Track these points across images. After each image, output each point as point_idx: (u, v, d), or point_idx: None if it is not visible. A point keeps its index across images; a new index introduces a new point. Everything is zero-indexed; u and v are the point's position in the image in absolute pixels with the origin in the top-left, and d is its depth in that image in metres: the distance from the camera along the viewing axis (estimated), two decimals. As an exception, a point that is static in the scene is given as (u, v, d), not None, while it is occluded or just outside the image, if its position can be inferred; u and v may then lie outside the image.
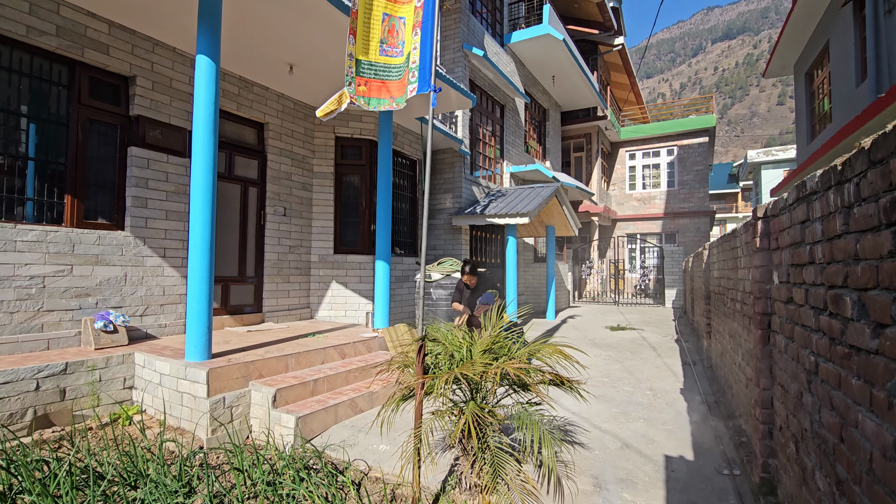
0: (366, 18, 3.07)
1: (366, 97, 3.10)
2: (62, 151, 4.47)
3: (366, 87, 3.11)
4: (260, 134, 6.49)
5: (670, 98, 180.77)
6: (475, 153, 10.55)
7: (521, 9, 12.22)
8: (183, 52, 5.30)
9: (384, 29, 2.99)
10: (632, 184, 19.71)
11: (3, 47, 4.07)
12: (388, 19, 3.16)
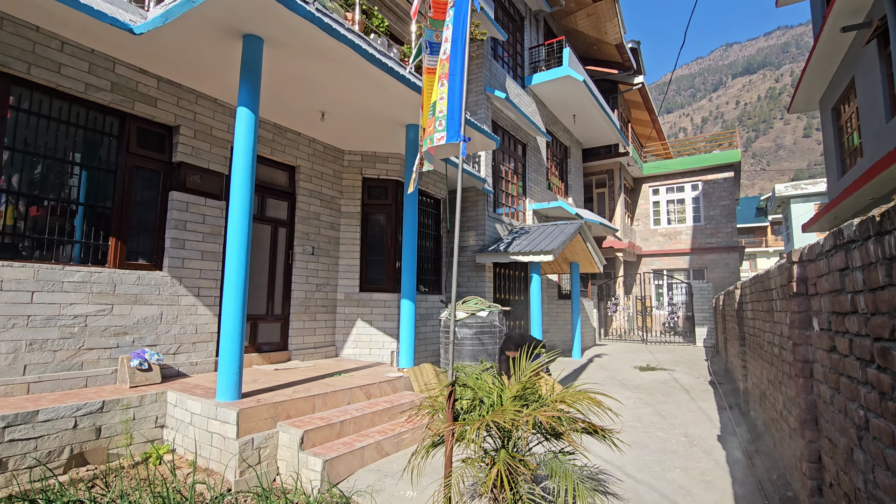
0: (426, 93, 3.24)
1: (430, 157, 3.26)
2: (109, 196, 4.74)
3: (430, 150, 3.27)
4: (291, 176, 6.76)
5: (692, 132, 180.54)
6: (498, 191, 10.68)
7: (541, 52, 12.61)
8: (223, 102, 5.64)
9: None
10: (656, 219, 19.52)
11: (64, 103, 4.42)
12: None
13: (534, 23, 13.11)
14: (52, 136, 4.35)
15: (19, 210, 4.14)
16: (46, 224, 4.29)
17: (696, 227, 18.51)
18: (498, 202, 10.66)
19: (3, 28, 3.91)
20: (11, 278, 3.89)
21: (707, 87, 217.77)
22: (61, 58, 4.27)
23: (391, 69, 4.84)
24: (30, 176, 4.21)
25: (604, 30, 14.69)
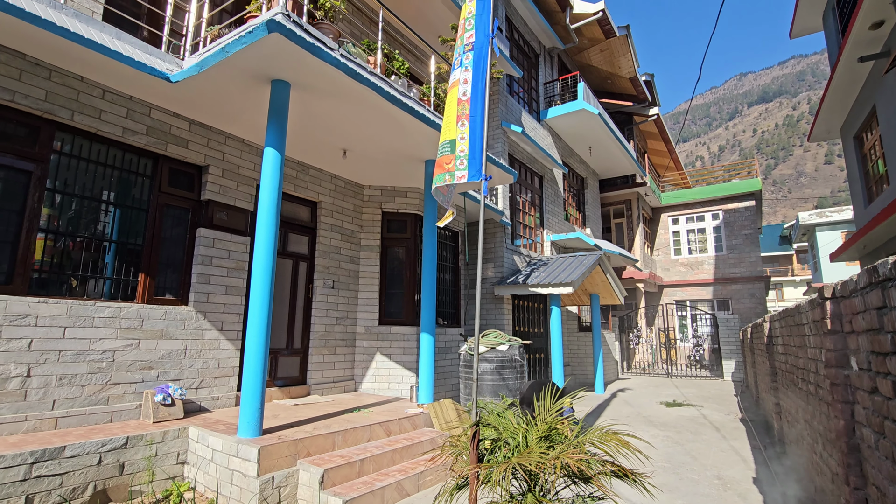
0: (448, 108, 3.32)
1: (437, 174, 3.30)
2: (140, 234, 4.92)
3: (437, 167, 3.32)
4: (313, 212, 6.91)
5: (709, 160, 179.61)
6: (515, 222, 10.72)
7: (555, 87, 12.86)
8: (250, 142, 5.86)
9: None
10: (677, 249, 19.24)
11: (103, 146, 4.66)
12: None
13: (548, 59, 13.44)
14: (90, 176, 4.57)
15: (56, 247, 4.31)
16: (81, 260, 4.45)
17: (719, 257, 18.16)
18: (516, 234, 10.68)
19: (51, 79, 4.19)
20: (46, 314, 4.01)
21: (723, 116, 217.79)
22: (102, 104, 4.53)
23: (411, 108, 5.00)
24: (67, 215, 4.41)
25: (617, 64, 14.95)
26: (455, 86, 3.15)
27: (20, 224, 4.05)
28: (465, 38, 3.15)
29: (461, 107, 3.04)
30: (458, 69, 3.16)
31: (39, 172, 4.16)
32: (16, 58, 3.98)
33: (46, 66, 4.16)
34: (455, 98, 3.13)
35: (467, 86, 3.03)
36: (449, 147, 3.09)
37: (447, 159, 3.07)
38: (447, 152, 3.09)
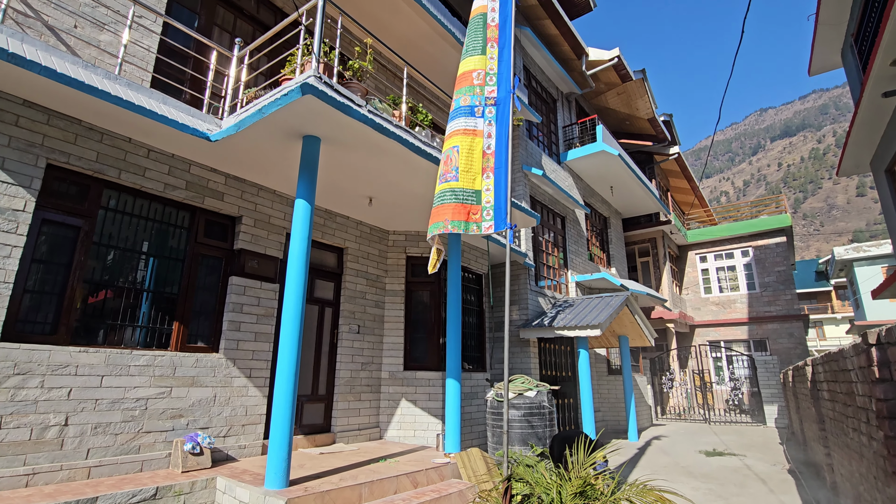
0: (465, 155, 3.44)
1: (430, 225, 3.40)
2: (176, 283, 5.11)
3: (431, 217, 3.41)
4: (339, 258, 7.07)
5: (734, 196, 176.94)
6: (539, 264, 10.69)
7: (574, 130, 13.10)
8: (281, 193, 6.12)
9: (442, 161, 3.36)
10: (706, 287, 18.73)
11: (145, 201, 4.94)
12: (445, 153, 3.57)
13: (566, 103, 13.78)
14: (133, 230, 4.82)
15: (98, 297, 4.51)
16: (120, 309, 4.63)
17: (752, 295, 17.57)
18: (539, 275, 10.62)
19: (102, 142, 4.52)
20: (86, 363, 4.15)
21: (745, 151, 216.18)
22: (147, 163, 4.84)
23: (435, 158, 5.17)
24: (109, 266, 4.63)
25: (635, 106, 15.20)
26: (477, 135, 3.27)
27: (67, 276, 4.27)
28: (487, 92, 3.30)
29: (486, 160, 3.16)
30: (479, 118, 3.29)
31: (87, 227, 4.42)
32: (73, 124, 4.33)
33: (99, 130, 4.50)
34: (479, 149, 3.24)
35: (491, 139, 3.15)
36: (474, 197, 3.18)
37: (473, 209, 3.15)
38: (472, 202, 3.18)
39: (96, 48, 4.55)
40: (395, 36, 7.91)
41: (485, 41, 3.53)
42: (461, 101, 3.61)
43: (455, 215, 3.19)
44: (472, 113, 3.39)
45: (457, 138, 3.40)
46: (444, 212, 3.27)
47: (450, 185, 3.31)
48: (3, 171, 3.86)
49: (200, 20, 5.80)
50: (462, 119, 3.45)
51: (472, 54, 3.70)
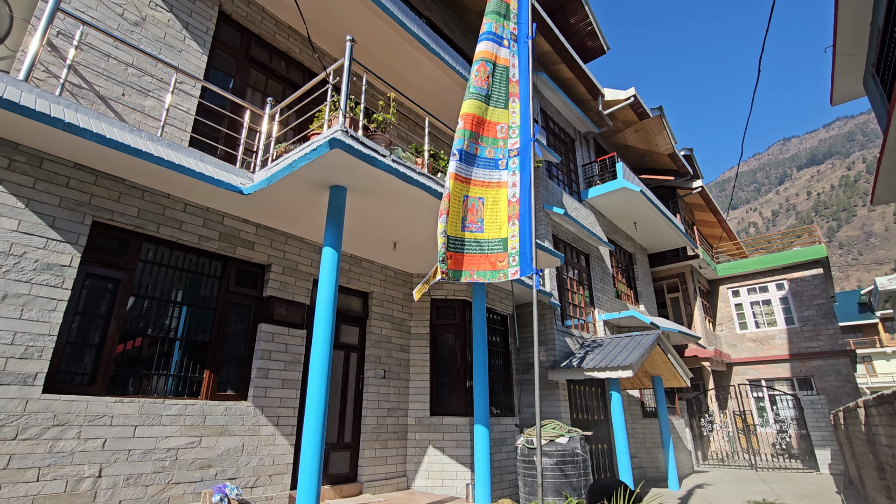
0: (455, 200, 3.56)
1: (452, 270, 3.44)
2: (207, 331, 5.23)
3: (452, 261, 3.45)
4: (365, 302, 7.14)
5: (763, 226, 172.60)
6: (564, 303, 10.53)
7: (594, 168, 13.19)
8: (309, 240, 6.29)
9: (465, 208, 3.43)
10: (742, 322, 18.01)
11: (180, 252, 5.16)
12: (467, 200, 3.66)
13: (584, 142, 13.95)
14: (168, 280, 5.01)
15: (132, 346, 4.64)
16: (153, 358, 4.75)
17: (791, 330, 16.79)
18: (566, 314, 10.45)
19: (143, 198, 4.79)
20: (121, 413, 4.23)
21: (771, 181, 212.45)
22: (183, 216, 5.09)
23: (457, 203, 5.27)
24: (144, 316, 4.79)
25: (654, 142, 15.27)
26: (502, 187, 3.35)
27: (105, 327, 4.43)
28: (510, 144, 3.42)
29: (511, 207, 3.22)
30: (503, 171, 3.39)
31: (126, 280, 4.62)
32: (118, 183, 4.61)
33: (141, 188, 4.78)
34: (504, 200, 3.32)
35: (516, 188, 3.23)
36: (501, 245, 3.23)
37: (500, 257, 3.19)
38: (499, 250, 3.22)
39: (141, 113, 4.91)
40: (416, 86, 8.28)
41: (507, 96, 3.70)
42: (486, 152, 3.76)
43: (481, 266, 3.24)
44: (497, 166, 3.53)
45: (481, 189, 3.52)
46: (469, 261, 3.33)
47: (475, 236, 3.39)
48: (54, 229, 4.12)
49: (235, 81, 6.22)
50: (487, 171, 3.59)
51: (497, 105, 3.90)
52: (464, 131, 3.94)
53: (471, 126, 4.01)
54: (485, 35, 4.29)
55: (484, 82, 4.02)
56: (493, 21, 4.37)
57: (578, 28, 13.60)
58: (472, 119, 4.04)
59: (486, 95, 3.99)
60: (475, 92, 4.11)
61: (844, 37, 10.44)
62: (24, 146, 4.06)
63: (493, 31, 4.17)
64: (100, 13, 4.86)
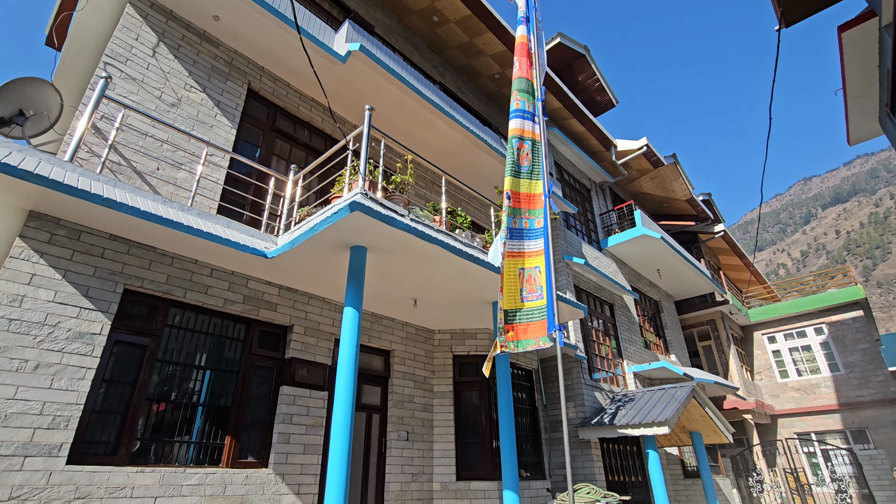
0: (510, 276, 3.62)
1: (514, 341, 3.45)
2: (229, 395, 5.20)
3: (514, 332, 3.46)
4: (386, 360, 7.05)
5: (792, 267, 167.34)
6: (591, 355, 10.21)
7: (612, 217, 13.20)
8: (330, 300, 6.35)
9: (522, 280, 3.48)
10: (782, 371, 17.05)
11: (206, 317, 5.25)
12: (524, 272, 3.72)
13: (600, 192, 14.06)
14: (193, 345, 5.07)
15: (154, 414, 4.64)
16: (175, 425, 4.72)
17: (837, 378, 15.79)
18: (593, 367, 10.09)
19: (172, 265, 4.96)
20: (142, 484, 4.16)
21: (796, 221, 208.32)
22: (209, 281, 5.23)
23: (476, 258, 5.30)
24: (167, 381, 4.82)
25: (671, 189, 15.30)
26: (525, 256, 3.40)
27: (131, 395, 4.46)
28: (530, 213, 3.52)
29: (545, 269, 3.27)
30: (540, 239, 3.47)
31: (153, 346, 4.70)
32: (149, 251, 4.81)
33: (171, 255, 4.96)
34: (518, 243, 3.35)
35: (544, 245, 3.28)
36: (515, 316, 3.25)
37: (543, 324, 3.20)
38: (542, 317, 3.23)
39: (173, 185, 5.20)
40: (431, 146, 8.60)
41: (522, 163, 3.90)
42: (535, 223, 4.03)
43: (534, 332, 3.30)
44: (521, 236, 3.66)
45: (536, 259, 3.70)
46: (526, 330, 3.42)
47: (536, 304, 3.52)
48: (87, 298, 4.27)
49: (261, 150, 6.57)
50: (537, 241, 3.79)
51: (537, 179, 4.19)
52: (512, 209, 4.15)
53: (518, 203, 4.24)
54: (516, 112, 4.61)
55: (525, 159, 4.28)
56: (522, 99, 4.69)
57: (587, 84, 14.12)
58: (519, 196, 4.30)
59: (529, 171, 4.26)
60: (518, 169, 4.39)
61: (854, 80, 10.55)
62: (66, 221, 4.30)
63: (525, 108, 4.49)
64: (140, 97, 5.28)
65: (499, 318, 3.49)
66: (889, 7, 6.12)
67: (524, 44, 4.80)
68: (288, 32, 6.18)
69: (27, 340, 3.86)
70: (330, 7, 8.67)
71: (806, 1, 8.40)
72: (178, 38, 5.88)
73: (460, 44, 10.42)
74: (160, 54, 5.62)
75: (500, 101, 12.15)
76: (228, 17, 6.00)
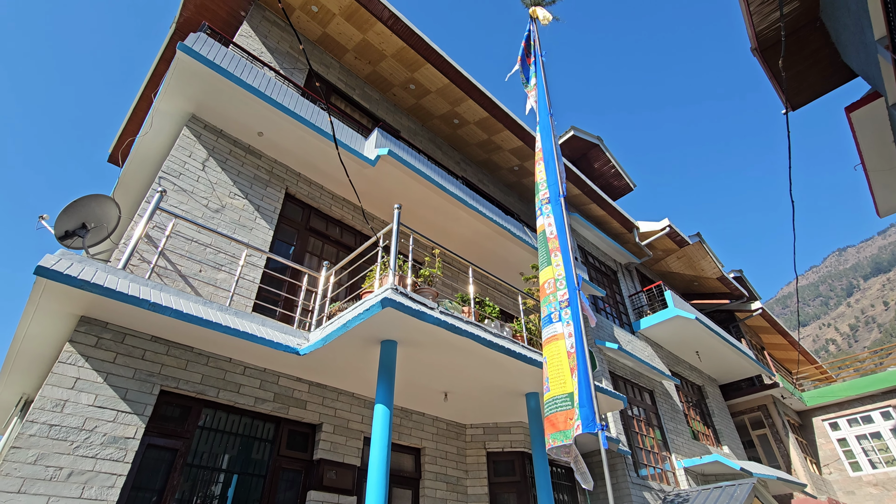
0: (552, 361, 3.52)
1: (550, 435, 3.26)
2: (255, 503, 4.97)
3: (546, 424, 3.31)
4: (417, 460, 6.70)
5: (843, 342, 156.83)
6: (634, 448, 9.48)
7: (641, 298, 12.95)
8: (360, 396, 6.24)
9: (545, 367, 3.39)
10: (853, 463, 15.32)
11: (236, 416, 5.20)
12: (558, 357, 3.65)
13: (626, 274, 13.96)
14: (223, 447, 4.98)
15: (182, 526, 4.43)
16: (200, 539, 4.48)
17: (919, 470, 14.04)
18: (638, 462, 9.31)
19: (207, 364, 5.05)
20: None
21: (838, 294, 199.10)
22: (242, 379, 5.25)
23: (507, 349, 5.22)
24: (194, 486, 4.66)
25: (699, 267, 15.08)
26: (559, 339, 3.36)
27: (159, 503, 4.32)
28: (560, 296, 3.53)
29: (570, 359, 3.19)
30: (557, 323, 3.43)
31: (183, 449, 4.63)
32: (186, 351, 4.93)
33: (206, 354, 5.07)
34: (564, 352, 3.30)
35: (572, 339, 3.24)
36: (569, 401, 3.12)
37: (570, 414, 3.06)
38: (567, 407, 3.11)
39: (213, 286, 5.45)
40: (457, 236, 8.87)
41: (548, 253, 3.97)
42: (543, 312, 3.93)
43: (552, 428, 3.12)
44: (551, 320, 3.62)
45: (546, 348, 3.59)
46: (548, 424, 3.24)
47: (549, 395, 3.33)
48: (125, 401, 4.33)
49: (295, 248, 6.90)
50: (548, 328, 3.69)
51: (543, 266, 4.21)
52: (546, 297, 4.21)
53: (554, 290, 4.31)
54: (539, 210, 4.91)
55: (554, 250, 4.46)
56: (538, 195, 5.01)
57: (603, 171, 14.66)
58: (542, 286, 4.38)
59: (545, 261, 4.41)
60: (546, 260, 4.54)
61: (871, 155, 10.68)
62: (113, 324, 4.51)
63: (542, 204, 4.76)
64: (189, 206, 5.75)
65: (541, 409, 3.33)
66: (892, 88, 6.37)
67: (540, 150, 5.22)
68: (323, 142, 6.77)
69: (64, 447, 3.88)
70: (360, 117, 9.55)
71: (808, 86, 8.81)
72: (225, 152, 6.51)
73: (480, 141, 11.15)
74: (209, 167, 6.20)
75: (520, 191, 12.66)
76: (271, 132, 6.66)
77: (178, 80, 5.91)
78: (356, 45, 9.15)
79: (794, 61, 7.55)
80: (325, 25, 8.81)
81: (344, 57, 9.43)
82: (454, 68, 9.33)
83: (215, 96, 6.14)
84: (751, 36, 7.23)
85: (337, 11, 8.52)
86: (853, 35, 6.47)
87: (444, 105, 10.26)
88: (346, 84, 9.45)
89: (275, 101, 6.28)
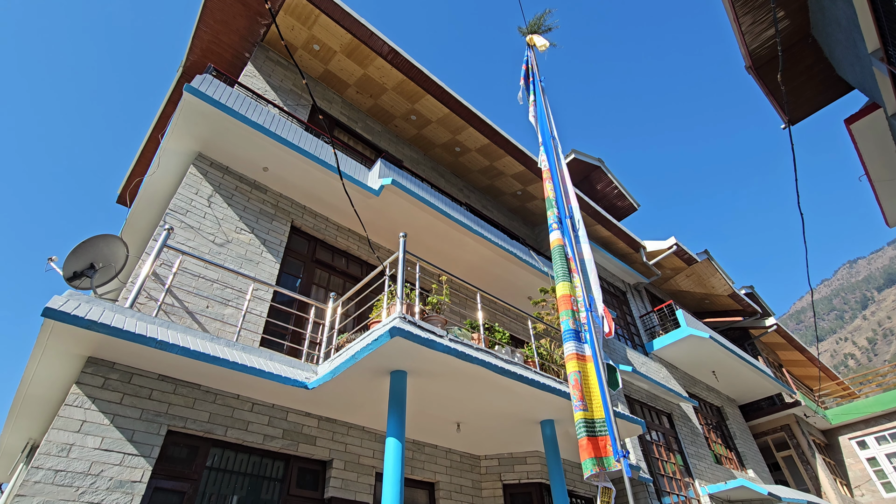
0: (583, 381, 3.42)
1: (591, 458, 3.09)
2: (266, 546, 4.79)
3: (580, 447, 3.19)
4: (430, 495, 6.48)
5: (862, 356, 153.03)
6: (655, 475, 9.14)
7: (652, 318, 12.76)
8: (371, 429, 6.10)
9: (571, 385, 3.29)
10: (885, 483, 14.68)
11: (244, 455, 5.08)
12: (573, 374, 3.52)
13: (635, 294, 13.80)
14: (231, 488, 4.83)
15: (190, 574, 4.26)
16: (208, 588, 4.30)
17: (956, 489, 13.41)
18: (660, 490, 8.96)
19: (215, 402, 4.96)
20: None
21: (853, 306, 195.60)
22: (250, 416, 5.15)
23: (519, 375, 5.11)
24: (206, 534, 4.50)
25: (709, 285, 14.90)
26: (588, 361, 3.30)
27: (165, 550, 4.17)
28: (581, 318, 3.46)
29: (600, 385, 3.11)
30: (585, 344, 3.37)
31: (191, 492, 4.50)
32: (194, 389, 4.86)
33: (214, 392, 4.99)
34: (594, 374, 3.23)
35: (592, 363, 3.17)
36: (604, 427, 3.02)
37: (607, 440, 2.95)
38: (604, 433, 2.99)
39: (220, 321, 5.42)
40: (463, 262, 8.84)
41: (568, 270, 4.00)
42: (569, 323, 3.86)
43: (592, 452, 2.94)
44: (578, 338, 3.55)
45: (574, 363, 3.48)
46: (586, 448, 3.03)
47: (582, 415, 3.15)
48: (132, 443, 4.24)
49: (302, 280, 6.88)
50: (573, 343, 3.61)
51: (560, 280, 4.22)
52: (565, 311, 4.15)
53: (566, 306, 4.26)
54: (550, 226, 4.96)
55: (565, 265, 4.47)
56: (549, 213, 5.07)
57: (606, 192, 14.71)
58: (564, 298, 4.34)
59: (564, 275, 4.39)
60: (562, 274, 4.53)
61: (874, 166, 10.67)
62: (120, 364, 4.47)
63: (553, 221, 4.85)
64: (196, 242, 5.78)
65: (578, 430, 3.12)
66: (891, 99, 6.40)
67: (547, 169, 5.29)
68: (328, 175, 6.85)
69: (69, 493, 3.78)
70: (363, 149, 9.69)
71: (805, 100, 8.88)
72: (231, 188, 6.59)
73: (482, 168, 11.26)
74: (215, 203, 6.27)
75: (524, 215, 12.68)
76: (276, 167, 6.75)
77: (185, 120, 6.05)
78: (357, 80, 9.37)
79: (790, 76, 7.64)
80: (326, 63, 9.05)
81: (346, 91, 9.65)
82: (454, 98, 9.52)
83: (221, 134, 6.26)
84: (744, 55, 7.34)
85: (338, 49, 8.77)
86: (846, 49, 6.55)
87: (446, 134, 10.41)
88: (349, 117, 9.63)
89: (279, 136, 6.40)
